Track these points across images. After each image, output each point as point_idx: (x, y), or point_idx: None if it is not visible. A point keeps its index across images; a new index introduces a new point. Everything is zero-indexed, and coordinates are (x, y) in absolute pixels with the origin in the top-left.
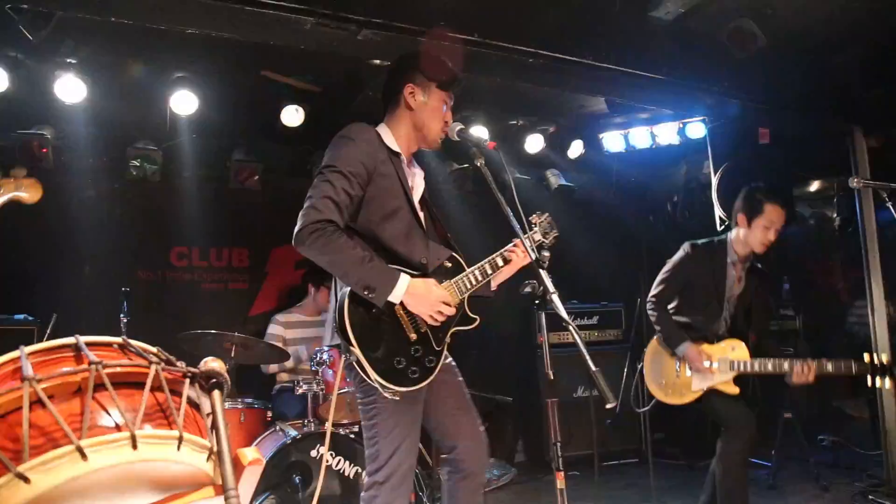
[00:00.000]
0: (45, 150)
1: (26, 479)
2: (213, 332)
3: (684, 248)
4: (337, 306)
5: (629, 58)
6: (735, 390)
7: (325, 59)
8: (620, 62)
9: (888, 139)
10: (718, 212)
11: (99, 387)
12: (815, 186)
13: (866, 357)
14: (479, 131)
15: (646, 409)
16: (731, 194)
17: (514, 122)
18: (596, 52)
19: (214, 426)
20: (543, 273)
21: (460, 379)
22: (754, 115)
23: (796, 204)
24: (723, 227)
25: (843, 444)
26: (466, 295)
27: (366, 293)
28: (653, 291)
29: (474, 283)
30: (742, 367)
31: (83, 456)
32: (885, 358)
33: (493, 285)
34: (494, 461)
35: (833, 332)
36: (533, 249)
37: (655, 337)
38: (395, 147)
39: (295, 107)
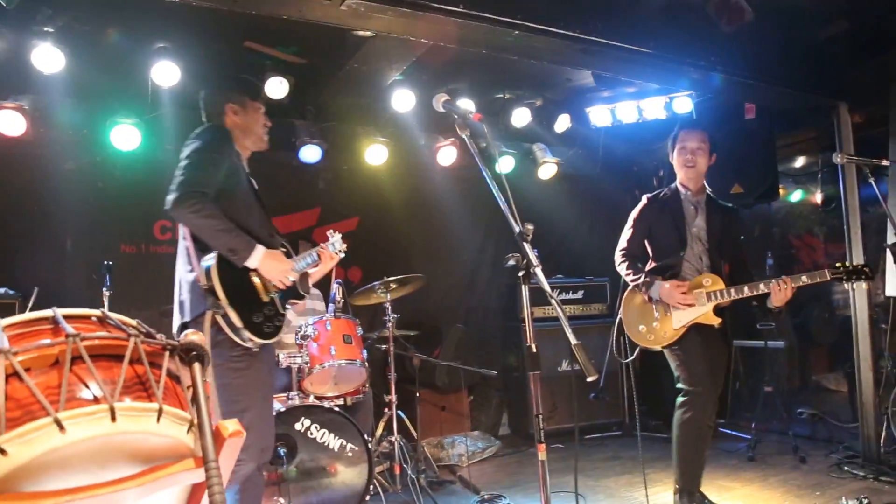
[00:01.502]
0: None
1: (3, 452)
2: None
3: (642, 199)
4: (204, 270)
5: (616, 31)
6: (716, 320)
7: (310, 30)
8: (607, 35)
9: (872, 115)
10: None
11: (77, 359)
12: (799, 162)
13: (838, 264)
14: (465, 104)
15: (630, 358)
16: (717, 169)
17: (501, 95)
18: (583, 24)
19: (195, 399)
20: (527, 246)
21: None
22: (741, 89)
23: (780, 179)
24: None
25: (820, 417)
26: (298, 275)
27: (230, 255)
28: (619, 246)
29: (302, 266)
30: (719, 296)
31: (61, 428)
32: (856, 261)
33: (311, 281)
34: (479, 433)
35: (815, 307)
36: (341, 252)
37: (629, 288)
38: (237, 149)
39: (279, 78)
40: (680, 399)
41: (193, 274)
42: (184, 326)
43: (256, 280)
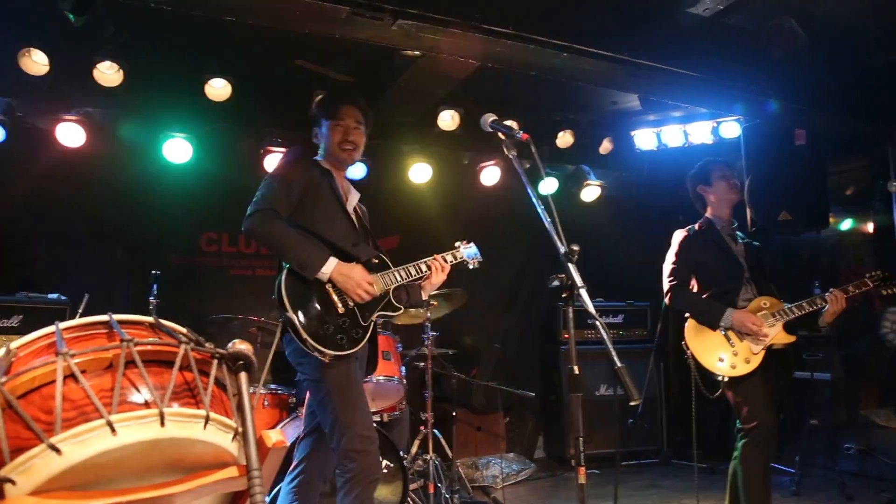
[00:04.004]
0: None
1: (58, 451)
2: (239, 316)
3: (677, 234)
4: (276, 281)
5: (665, 54)
6: (791, 338)
7: (359, 50)
8: (656, 58)
9: None
10: (751, 213)
11: (130, 364)
12: (850, 190)
13: (875, 272)
14: (511, 125)
15: (718, 393)
16: (765, 196)
17: (546, 116)
18: (631, 47)
19: (240, 407)
20: (572, 267)
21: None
22: (791, 115)
23: (830, 207)
24: (753, 228)
25: (869, 453)
26: (391, 287)
27: (300, 268)
28: (666, 282)
29: (398, 279)
30: (783, 315)
31: (113, 430)
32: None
33: (424, 295)
34: (514, 455)
35: (864, 338)
36: (472, 260)
37: (688, 322)
38: (327, 167)
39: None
40: (742, 436)
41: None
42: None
43: (332, 291)
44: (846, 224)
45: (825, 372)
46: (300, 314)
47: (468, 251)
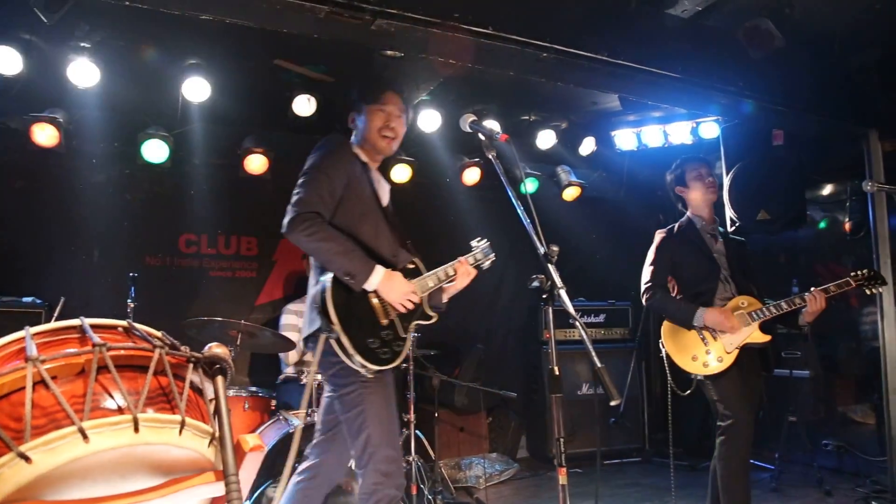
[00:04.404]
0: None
1: (28, 459)
2: (219, 319)
3: (657, 234)
4: (320, 291)
5: (644, 55)
6: (766, 338)
7: (338, 50)
8: (635, 59)
9: None
10: (729, 212)
11: (102, 369)
12: (827, 189)
13: (858, 272)
14: (491, 125)
15: (689, 391)
16: (744, 195)
17: (527, 117)
18: (611, 48)
19: (217, 411)
20: (552, 268)
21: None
22: (769, 116)
23: (808, 206)
24: (734, 227)
25: (847, 449)
26: (425, 294)
27: (346, 278)
28: (644, 282)
29: (431, 285)
30: (761, 315)
31: (85, 437)
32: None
33: (445, 297)
34: (497, 456)
35: (842, 337)
36: (486, 258)
37: (665, 322)
38: (364, 159)
39: (307, 96)
40: (720, 433)
41: (315, 289)
42: (304, 342)
43: (375, 302)
44: (823, 223)
45: (803, 369)
46: (347, 327)
47: (483, 247)
